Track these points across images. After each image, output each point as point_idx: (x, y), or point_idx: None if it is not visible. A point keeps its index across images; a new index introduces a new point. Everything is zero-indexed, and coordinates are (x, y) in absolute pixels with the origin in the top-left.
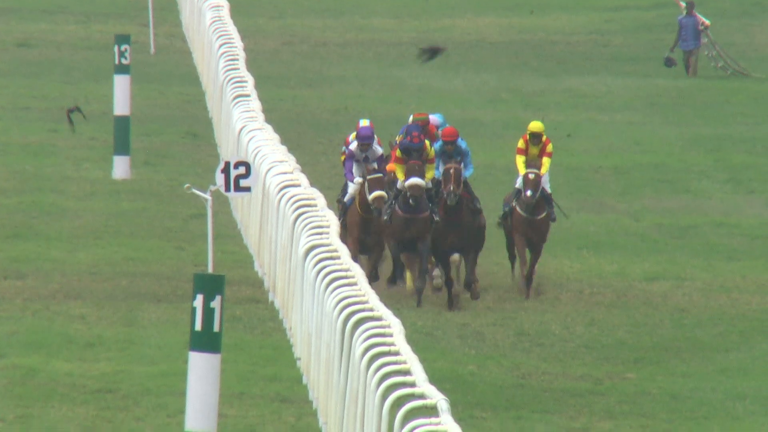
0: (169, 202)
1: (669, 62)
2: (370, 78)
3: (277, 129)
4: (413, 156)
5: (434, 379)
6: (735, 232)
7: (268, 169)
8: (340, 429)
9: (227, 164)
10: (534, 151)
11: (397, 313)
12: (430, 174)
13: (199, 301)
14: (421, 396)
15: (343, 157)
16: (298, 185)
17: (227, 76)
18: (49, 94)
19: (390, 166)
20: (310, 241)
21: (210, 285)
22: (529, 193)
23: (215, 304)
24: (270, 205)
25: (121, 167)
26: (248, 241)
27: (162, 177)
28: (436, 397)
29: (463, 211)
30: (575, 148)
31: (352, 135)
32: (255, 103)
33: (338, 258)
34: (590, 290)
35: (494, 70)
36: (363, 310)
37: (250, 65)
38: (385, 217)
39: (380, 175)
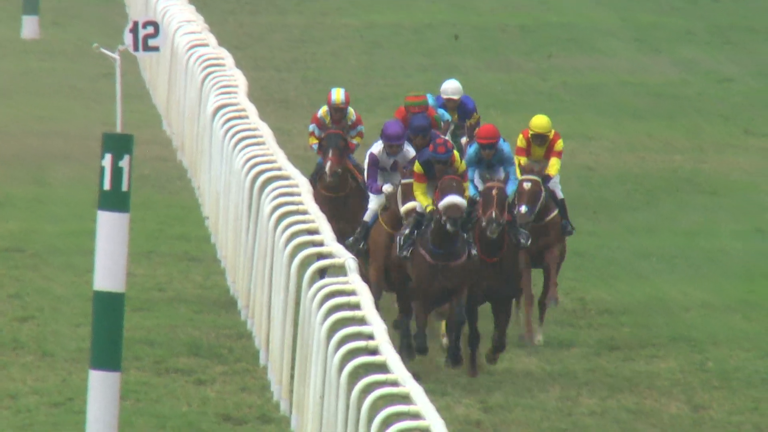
0: (77, 61)
1: None
2: None
3: None
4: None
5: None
6: (641, 91)
7: (177, 29)
8: (248, 287)
9: (135, 24)
10: (538, 152)
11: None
12: (465, 194)
13: (107, 161)
14: (329, 255)
15: (311, 139)
16: (206, 45)
17: None
18: None
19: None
20: (219, 100)
21: (119, 144)
22: (523, 209)
23: (124, 163)
24: (178, 65)
25: (30, 27)
26: (157, 100)
27: (71, 36)
28: (344, 256)
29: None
30: (481, 7)
31: (322, 110)
32: None
33: (246, 117)
34: None
35: None
36: (271, 170)
37: None
38: (405, 253)
39: None
